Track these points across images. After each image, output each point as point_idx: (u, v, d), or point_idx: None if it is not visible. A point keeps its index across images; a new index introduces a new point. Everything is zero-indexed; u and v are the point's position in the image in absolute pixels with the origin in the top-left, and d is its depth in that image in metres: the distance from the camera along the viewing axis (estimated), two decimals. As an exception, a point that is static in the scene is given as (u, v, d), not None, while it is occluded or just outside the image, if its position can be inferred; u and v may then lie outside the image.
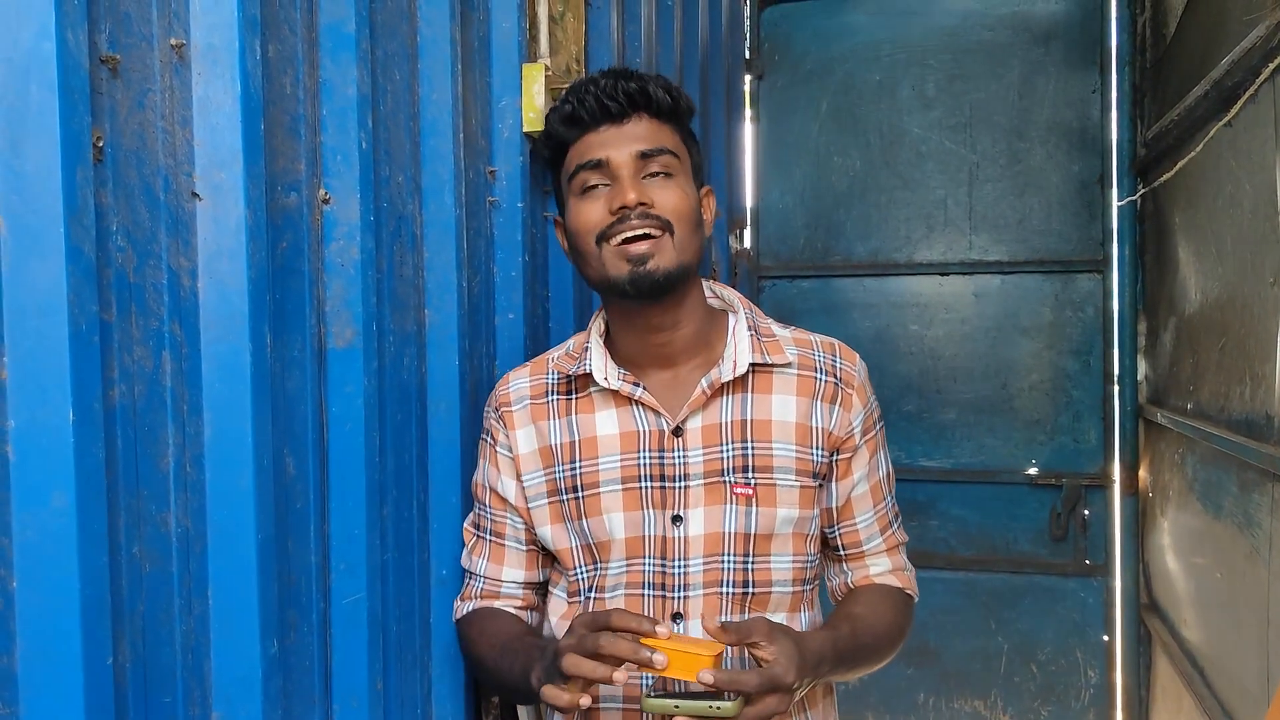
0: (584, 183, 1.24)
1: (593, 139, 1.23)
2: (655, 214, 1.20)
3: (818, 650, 1.15)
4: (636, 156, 1.22)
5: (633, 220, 1.19)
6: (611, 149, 1.22)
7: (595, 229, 1.22)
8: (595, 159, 1.22)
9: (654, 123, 1.24)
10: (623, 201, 1.19)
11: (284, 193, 1.08)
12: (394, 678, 1.28)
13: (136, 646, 0.89)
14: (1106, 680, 3.41)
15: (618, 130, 1.23)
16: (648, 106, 1.23)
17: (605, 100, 1.22)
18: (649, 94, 1.22)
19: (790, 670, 1.08)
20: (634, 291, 1.21)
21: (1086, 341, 3.41)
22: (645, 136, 1.23)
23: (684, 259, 1.22)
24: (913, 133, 3.53)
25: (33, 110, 0.77)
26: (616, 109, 1.22)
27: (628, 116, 1.23)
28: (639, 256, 1.19)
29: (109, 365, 0.85)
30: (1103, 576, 3.40)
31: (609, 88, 1.22)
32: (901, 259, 3.56)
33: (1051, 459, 3.44)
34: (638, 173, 1.22)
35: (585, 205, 1.23)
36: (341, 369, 1.17)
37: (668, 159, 1.23)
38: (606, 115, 1.22)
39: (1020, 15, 3.43)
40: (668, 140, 1.24)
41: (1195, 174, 2.53)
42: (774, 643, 1.10)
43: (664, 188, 1.22)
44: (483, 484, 1.36)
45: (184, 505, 0.95)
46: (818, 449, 1.28)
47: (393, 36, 1.30)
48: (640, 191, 1.20)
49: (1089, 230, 3.40)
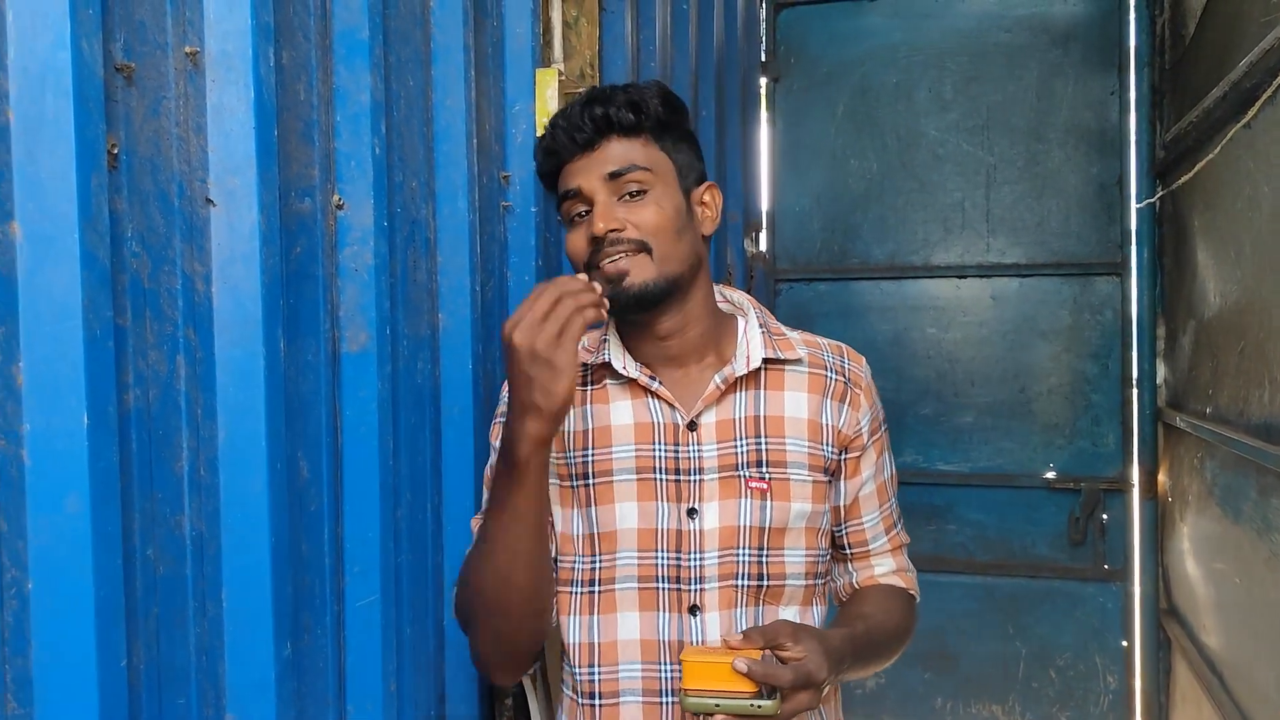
0: (570, 213, 1.26)
1: (569, 169, 1.25)
2: (626, 237, 1.21)
3: (839, 647, 1.17)
4: (606, 179, 1.23)
5: (606, 249, 1.21)
6: (583, 177, 1.24)
7: (581, 259, 1.24)
8: (571, 188, 1.25)
9: (624, 141, 1.24)
10: (592, 232, 1.21)
11: (298, 198, 1.09)
12: (408, 680, 1.28)
13: (150, 649, 0.90)
14: (1126, 686, 3.38)
15: (589, 158, 1.24)
16: (613, 128, 1.24)
17: (573, 132, 1.24)
18: (609, 116, 1.23)
19: (822, 667, 1.10)
20: (619, 310, 1.23)
21: (1105, 345, 3.39)
22: (614, 158, 1.24)
23: (667, 270, 1.23)
24: (930, 135, 3.52)
25: (48, 119, 0.78)
26: (584, 138, 1.24)
27: (597, 143, 1.24)
28: (615, 275, 1.21)
29: (124, 370, 0.86)
30: (1121, 581, 3.37)
31: (576, 118, 1.24)
32: (919, 262, 3.55)
33: (1070, 463, 3.42)
34: (612, 195, 1.23)
35: (572, 236, 1.26)
36: (355, 373, 1.18)
37: (638, 175, 1.23)
38: (577, 145, 1.24)
39: (1038, 17, 3.42)
40: (638, 156, 1.24)
41: (1214, 176, 2.51)
42: (800, 642, 1.12)
43: (638, 207, 1.23)
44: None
45: (198, 508, 0.96)
46: (828, 445, 1.30)
47: (406, 42, 1.31)
48: (609, 218, 1.21)
49: (1108, 233, 3.38)
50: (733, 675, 1.07)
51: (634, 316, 1.26)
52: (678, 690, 1.23)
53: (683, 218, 1.26)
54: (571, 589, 1.29)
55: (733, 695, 1.08)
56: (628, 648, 1.26)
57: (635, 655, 1.26)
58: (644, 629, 1.26)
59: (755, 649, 1.10)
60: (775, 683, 1.08)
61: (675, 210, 1.25)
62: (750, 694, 1.07)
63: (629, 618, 1.26)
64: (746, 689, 1.07)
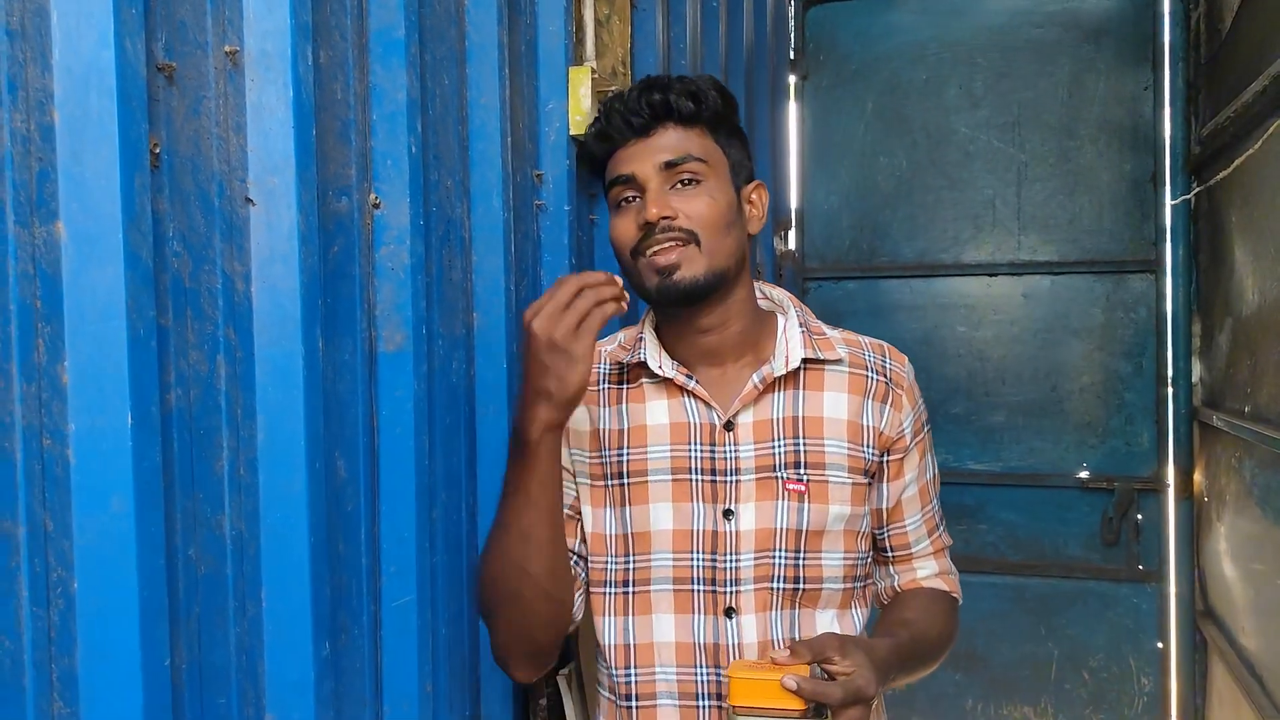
0: (618, 197, 1.25)
1: (622, 155, 1.25)
2: (679, 226, 1.20)
3: (885, 659, 1.15)
4: (661, 168, 1.22)
5: (657, 235, 1.20)
6: (637, 163, 1.23)
7: (629, 244, 1.23)
8: (624, 174, 1.24)
9: (681, 130, 1.24)
10: (645, 217, 1.20)
11: (335, 198, 1.09)
12: (443, 680, 1.28)
13: (192, 648, 0.90)
14: (1161, 688, 3.34)
15: (644, 144, 1.24)
16: (671, 115, 1.24)
17: (630, 116, 1.23)
18: (671, 104, 1.23)
19: (871, 681, 1.09)
20: (662, 301, 1.22)
21: (1139, 343, 3.35)
22: (671, 146, 1.23)
23: (715, 264, 1.22)
24: (960, 132, 3.49)
25: (92, 118, 0.78)
26: (640, 123, 1.23)
27: (653, 129, 1.24)
28: (666, 268, 1.20)
29: (165, 369, 0.86)
30: (1156, 582, 3.33)
31: (633, 103, 1.23)
32: (949, 260, 3.52)
33: (1103, 462, 3.38)
34: (665, 183, 1.22)
35: (619, 220, 1.25)
36: (391, 372, 1.18)
37: (694, 166, 1.23)
38: (632, 130, 1.24)
39: (1069, 12, 3.38)
40: (694, 147, 1.24)
41: (1252, 171, 2.47)
42: (848, 656, 1.10)
43: (691, 197, 1.22)
44: None
45: (238, 508, 0.96)
46: (869, 447, 1.28)
47: (441, 41, 1.31)
48: (663, 205, 1.20)
49: (1141, 230, 3.34)
50: (781, 692, 1.06)
51: (678, 310, 1.25)
52: (722, 699, 1.22)
53: (733, 212, 1.25)
54: (605, 589, 1.28)
55: (783, 713, 1.07)
56: (663, 650, 1.25)
57: (671, 659, 1.25)
58: (679, 631, 1.25)
59: (803, 664, 1.09)
60: (825, 700, 1.06)
61: (727, 204, 1.24)
62: (800, 712, 1.06)
63: (664, 620, 1.26)
64: (796, 706, 1.06)
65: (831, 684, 1.08)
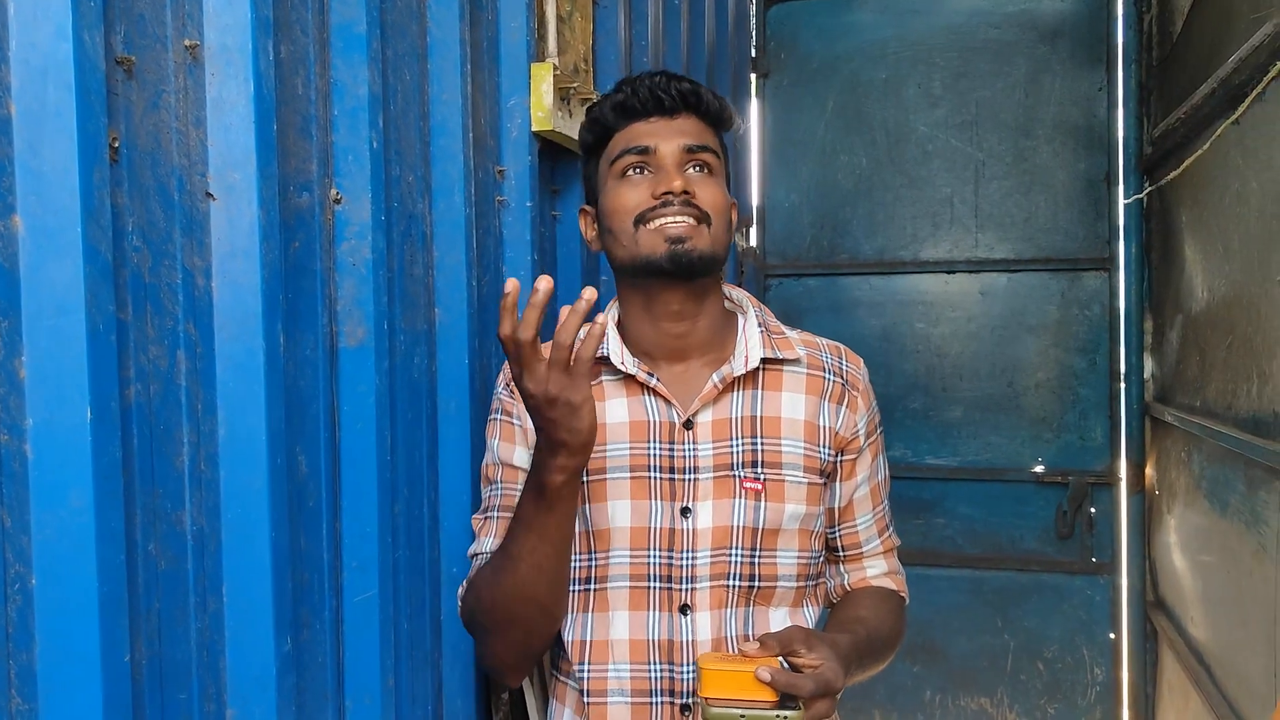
0: (627, 166, 1.27)
1: (641, 127, 1.28)
2: (696, 204, 1.24)
3: (848, 653, 1.17)
4: (683, 149, 1.26)
5: (675, 206, 1.23)
6: (660, 138, 1.27)
7: (634, 211, 1.25)
8: (643, 145, 1.27)
9: (701, 123, 1.29)
10: (668, 187, 1.23)
11: (296, 193, 1.09)
12: (405, 675, 1.28)
13: (152, 644, 0.90)
14: (1113, 678, 3.41)
15: (667, 123, 1.28)
16: (697, 108, 1.29)
17: (659, 93, 1.27)
18: (700, 96, 1.28)
19: (839, 674, 1.11)
20: (671, 268, 1.23)
21: (1093, 340, 3.40)
22: (693, 133, 1.28)
23: (716, 250, 1.26)
24: (919, 131, 3.53)
25: (50, 111, 0.78)
26: (669, 103, 1.27)
27: (678, 112, 1.28)
28: (678, 237, 1.23)
29: (125, 364, 0.86)
30: (1109, 574, 3.39)
31: (663, 83, 1.27)
32: (908, 257, 3.55)
33: (1058, 457, 3.44)
34: (681, 164, 1.26)
35: (625, 188, 1.27)
36: (353, 368, 1.18)
37: (711, 157, 1.28)
38: (659, 107, 1.27)
39: (1026, 13, 3.43)
40: (711, 141, 1.30)
41: (1202, 172, 2.52)
42: (814, 649, 1.12)
43: (705, 183, 1.27)
44: (494, 463, 1.32)
45: (199, 503, 0.96)
46: (825, 447, 1.30)
47: (402, 36, 1.31)
48: (686, 180, 1.24)
49: (1095, 228, 3.40)
50: (754, 684, 1.07)
51: (673, 284, 1.26)
52: (675, 695, 1.23)
53: (730, 212, 1.31)
54: (571, 587, 1.29)
55: (756, 705, 1.07)
56: (617, 647, 1.26)
57: (625, 655, 1.26)
58: (634, 628, 1.26)
59: (772, 656, 1.10)
60: (797, 692, 1.08)
61: (728, 202, 1.30)
62: (772, 704, 1.07)
63: (619, 616, 1.26)
64: (768, 698, 1.07)
65: (802, 676, 1.09)
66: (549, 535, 1.15)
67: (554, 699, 1.37)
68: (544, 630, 1.23)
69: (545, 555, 1.16)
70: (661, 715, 1.25)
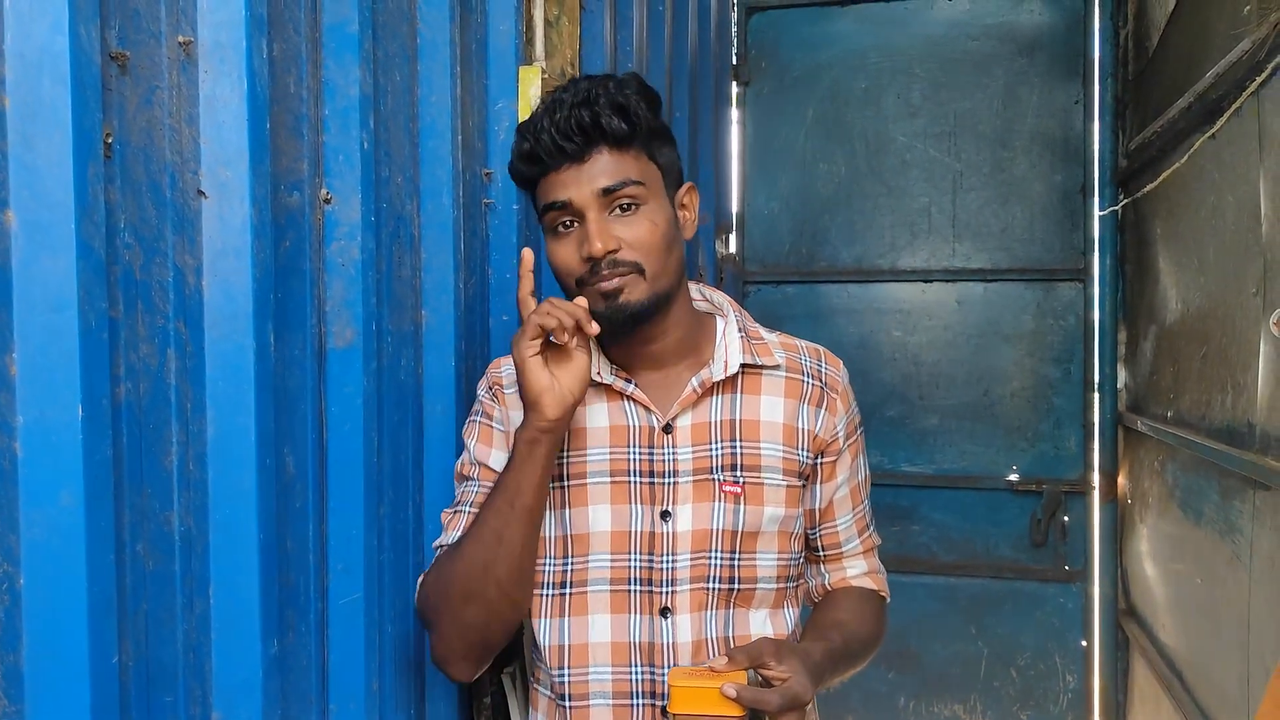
0: (554, 222, 1.22)
1: (554, 179, 1.21)
2: (622, 259, 1.19)
3: (820, 662, 1.18)
4: (599, 194, 1.19)
5: (603, 270, 1.19)
6: (573, 189, 1.19)
7: (572, 276, 1.22)
8: (559, 200, 1.20)
9: (615, 154, 1.20)
10: (589, 252, 1.18)
11: (287, 192, 1.08)
12: (389, 678, 1.27)
13: (140, 645, 0.89)
14: (1085, 685, 3.44)
15: (578, 169, 1.19)
16: (605, 138, 1.19)
17: (561, 141, 1.18)
18: (602, 125, 1.18)
19: (807, 687, 1.11)
20: (609, 326, 1.22)
21: (1068, 349, 3.44)
22: (608, 171, 1.19)
23: (658, 289, 1.22)
24: (898, 141, 3.55)
25: (45, 106, 0.77)
26: (573, 149, 1.19)
27: (586, 154, 1.19)
28: (611, 292, 1.20)
29: (115, 363, 0.85)
30: (1082, 582, 3.43)
31: (564, 125, 1.18)
32: (886, 266, 3.58)
33: (1032, 465, 3.47)
34: (604, 209, 1.20)
35: (559, 247, 1.22)
36: (341, 369, 1.18)
37: (632, 190, 1.20)
38: (565, 156, 1.19)
39: (1005, 26, 3.47)
40: (631, 169, 1.20)
41: (1177, 185, 2.56)
42: (784, 661, 1.12)
43: (631, 222, 1.20)
44: (470, 462, 1.32)
45: (186, 503, 0.95)
46: (804, 450, 1.31)
47: (393, 37, 1.30)
48: (605, 237, 1.18)
49: (1071, 239, 3.44)
50: (720, 699, 1.08)
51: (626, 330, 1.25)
52: (656, 698, 1.24)
53: (673, 229, 1.25)
54: (543, 591, 1.29)
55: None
56: (598, 650, 1.26)
57: (606, 658, 1.26)
58: (615, 631, 1.26)
59: (740, 670, 1.11)
60: (764, 707, 1.09)
61: (666, 224, 1.23)
62: (738, 718, 1.09)
63: (600, 620, 1.26)
64: (734, 713, 1.08)
65: (769, 690, 1.10)
66: (510, 497, 1.18)
67: (531, 708, 1.37)
68: (500, 616, 1.21)
69: (506, 522, 1.18)
70: (643, 717, 1.25)
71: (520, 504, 1.18)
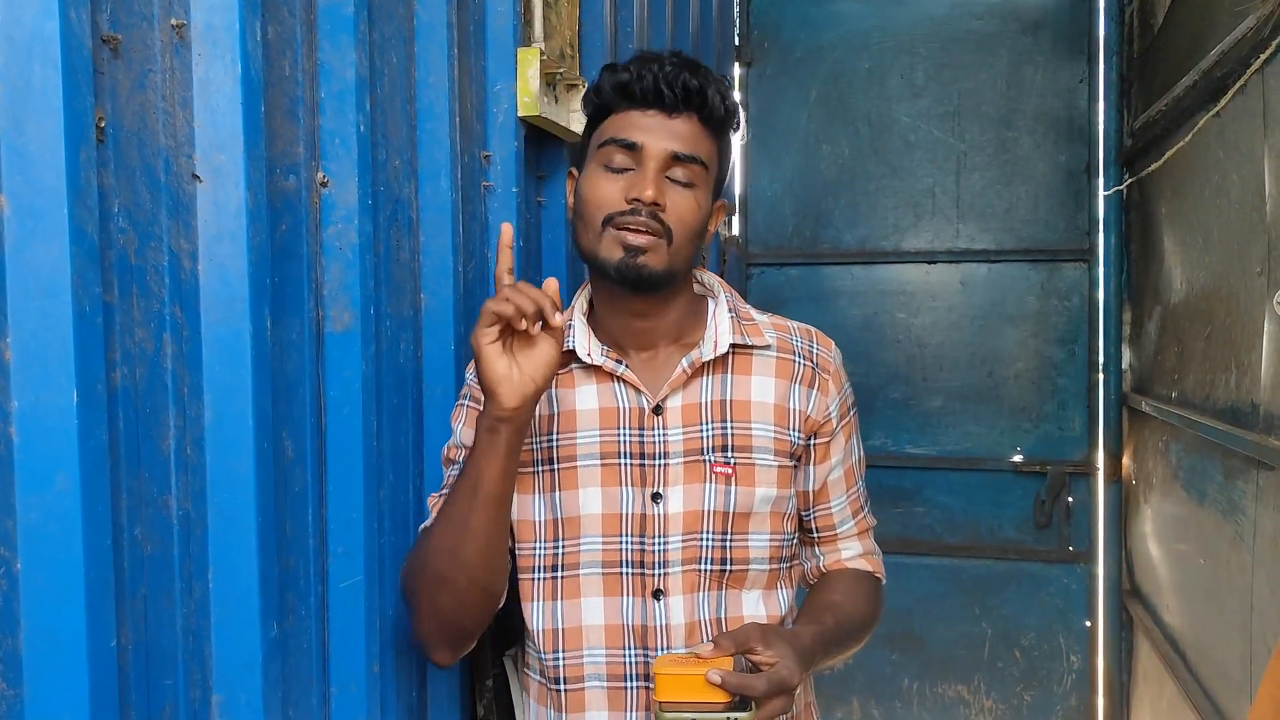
0: (610, 156, 1.23)
1: (636, 117, 1.22)
2: (662, 218, 1.21)
3: (809, 646, 1.18)
4: (669, 155, 1.21)
5: (641, 216, 1.20)
6: (650, 136, 1.21)
7: (605, 210, 1.22)
8: (630, 140, 1.21)
9: (699, 127, 1.23)
10: (638, 195, 1.19)
11: (283, 175, 1.08)
12: (390, 661, 1.28)
13: (138, 629, 0.89)
14: (1088, 665, 3.44)
15: (663, 120, 1.22)
16: (701, 109, 1.22)
17: (663, 86, 1.20)
18: (707, 97, 1.21)
19: (794, 672, 1.11)
20: (618, 279, 1.22)
21: (1072, 330, 3.43)
22: (686, 138, 1.22)
23: (674, 265, 1.23)
24: (901, 121, 3.53)
25: (36, 90, 0.76)
26: (670, 100, 1.21)
27: (678, 111, 1.22)
28: (634, 247, 1.20)
29: (111, 347, 0.85)
30: (1086, 563, 3.43)
31: (671, 75, 1.20)
32: (889, 247, 3.57)
33: (1036, 446, 3.46)
34: (663, 169, 1.22)
35: (603, 181, 1.23)
36: (339, 353, 1.17)
37: (696, 169, 1.23)
38: (659, 101, 1.21)
39: (1009, 4, 3.44)
40: (704, 150, 1.24)
41: (1182, 164, 2.54)
42: (771, 646, 1.12)
43: (681, 195, 1.22)
44: (456, 445, 1.32)
45: (184, 488, 0.95)
46: (795, 431, 1.30)
47: (390, 19, 1.30)
48: (659, 191, 1.20)
49: (1075, 220, 3.42)
50: (706, 686, 1.08)
51: (628, 291, 1.25)
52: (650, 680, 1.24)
53: (704, 224, 1.27)
54: (534, 575, 1.29)
55: (708, 707, 1.09)
56: (592, 633, 1.27)
57: (600, 641, 1.26)
58: (608, 614, 1.26)
59: (726, 656, 1.11)
60: (749, 693, 1.09)
61: (704, 214, 1.26)
62: (725, 704, 1.09)
63: (593, 603, 1.27)
64: (721, 699, 1.08)
65: (755, 676, 1.09)
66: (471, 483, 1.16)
67: (524, 693, 1.37)
68: (473, 604, 1.21)
69: (469, 508, 1.16)
70: (637, 699, 1.26)
71: (484, 491, 1.15)
